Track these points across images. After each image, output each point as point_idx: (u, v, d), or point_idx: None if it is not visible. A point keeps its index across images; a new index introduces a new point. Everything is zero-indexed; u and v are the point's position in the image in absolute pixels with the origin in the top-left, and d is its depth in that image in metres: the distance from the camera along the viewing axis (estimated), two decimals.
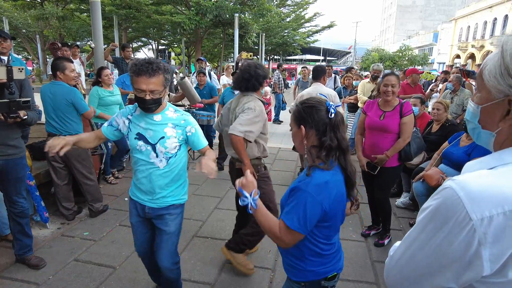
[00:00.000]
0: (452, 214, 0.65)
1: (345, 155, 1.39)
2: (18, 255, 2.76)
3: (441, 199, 0.68)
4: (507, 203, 0.61)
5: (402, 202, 4.17)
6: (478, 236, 0.62)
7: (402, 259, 0.76)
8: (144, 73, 1.78)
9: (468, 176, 0.68)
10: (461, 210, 0.63)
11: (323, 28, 29.60)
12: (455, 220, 0.64)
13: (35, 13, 18.58)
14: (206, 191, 4.53)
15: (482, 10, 33.07)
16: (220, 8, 15.94)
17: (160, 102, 1.90)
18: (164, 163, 1.98)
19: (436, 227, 0.68)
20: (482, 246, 0.62)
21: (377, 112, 3.11)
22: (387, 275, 0.81)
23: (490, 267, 0.63)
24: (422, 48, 47.10)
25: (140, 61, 1.83)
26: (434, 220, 0.69)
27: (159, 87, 1.84)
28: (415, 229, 0.74)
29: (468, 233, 0.63)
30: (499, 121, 0.73)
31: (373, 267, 2.92)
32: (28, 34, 23.76)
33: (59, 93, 3.29)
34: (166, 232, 2.09)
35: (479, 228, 0.62)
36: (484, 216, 0.61)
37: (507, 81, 0.69)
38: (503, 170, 0.68)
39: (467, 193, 0.64)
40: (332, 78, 7.94)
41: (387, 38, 70.60)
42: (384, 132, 3.05)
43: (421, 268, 0.72)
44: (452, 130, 3.95)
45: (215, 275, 2.76)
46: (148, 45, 33.75)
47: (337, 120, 1.37)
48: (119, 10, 17.51)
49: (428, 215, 0.71)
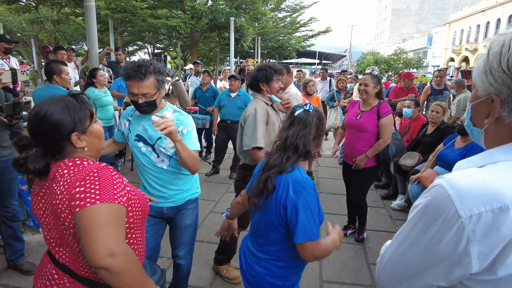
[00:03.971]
0: (442, 211, 0.65)
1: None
2: (10, 261, 2.71)
3: (431, 197, 0.68)
4: (495, 201, 0.61)
5: (398, 205, 4.17)
6: (467, 233, 0.62)
7: (392, 258, 0.76)
8: (134, 77, 1.76)
9: (457, 174, 0.68)
10: (450, 208, 0.63)
11: (318, 33, 29.75)
12: (444, 217, 0.64)
13: (30, 17, 18.47)
14: (202, 194, 4.45)
15: (475, 14, 33.48)
16: (215, 12, 15.96)
17: (154, 104, 1.88)
18: (166, 162, 1.97)
19: (426, 225, 0.68)
20: (471, 244, 0.62)
21: (356, 111, 3.20)
22: (378, 274, 0.81)
23: (478, 264, 0.63)
24: (416, 52, 47.54)
25: (130, 65, 1.80)
26: (424, 218, 0.69)
27: (151, 90, 1.81)
28: (405, 227, 0.74)
29: (457, 230, 0.63)
30: (485, 119, 0.73)
31: (369, 269, 2.91)
32: (23, 38, 23.63)
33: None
34: (183, 226, 2.15)
35: (468, 226, 0.62)
36: (473, 213, 0.61)
37: (489, 79, 0.70)
38: (492, 168, 0.68)
39: (456, 190, 0.64)
40: (327, 81, 7.98)
41: (382, 41, 71.15)
42: (360, 131, 3.11)
43: (412, 266, 0.72)
44: (447, 132, 3.97)
45: (210, 279, 2.74)
46: (143, 48, 33.69)
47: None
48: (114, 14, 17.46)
49: (418, 213, 0.71)
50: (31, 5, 19.15)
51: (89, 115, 1.16)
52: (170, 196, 2.04)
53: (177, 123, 1.97)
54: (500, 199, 0.60)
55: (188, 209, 2.14)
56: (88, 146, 1.16)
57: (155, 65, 1.84)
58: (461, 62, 34.73)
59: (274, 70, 2.48)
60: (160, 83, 1.87)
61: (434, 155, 3.74)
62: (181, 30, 16.14)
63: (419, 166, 3.96)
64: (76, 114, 1.11)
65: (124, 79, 1.82)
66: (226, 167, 5.40)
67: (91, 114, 1.17)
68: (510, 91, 0.67)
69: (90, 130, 1.16)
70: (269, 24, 24.19)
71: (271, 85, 2.48)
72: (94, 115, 1.19)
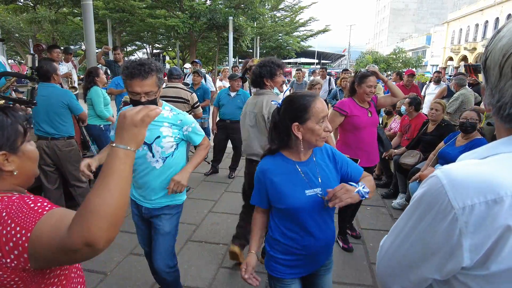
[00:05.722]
0: (435, 202, 0.63)
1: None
2: None
3: (427, 187, 0.66)
4: (489, 192, 0.58)
5: (399, 203, 4.13)
6: (459, 225, 0.60)
7: (389, 250, 0.75)
8: (137, 76, 1.74)
9: (455, 165, 0.66)
10: (443, 198, 0.62)
11: (317, 33, 29.72)
12: (438, 208, 0.63)
13: (28, 17, 18.44)
14: (200, 194, 4.46)
15: (474, 13, 33.52)
16: (214, 12, 15.95)
17: (155, 103, 1.86)
18: (160, 163, 1.95)
19: (420, 216, 0.67)
20: (463, 236, 0.60)
21: (361, 110, 3.00)
22: (377, 266, 0.80)
23: (470, 257, 0.61)
24: (415, 51, 47.57)
25: (132, 63, 1.78)
26: (419, 209, 0.68)
27: (153, 88, 1.81)
28: (402, 218, 0.73)
29: (450, 221, 0.61)
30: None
31: (370, 269, 2.88)
32: (21, 38, 23.57)
33: (54, 95, 3.21)
34: (161, 233, 2.06)
35: (460, 217, 0.60)
36: (466, 204, 0.59)
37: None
38: (491, 159, 0.65)
39: (450, 180, 0.62)
40: (327, 80, 7.97)
41: (380, 41, 71.23)
42: (374, 127, 3.10)
43: (407, 258, 0.71)
44: (447, 130, 3.94)
45: (209, 279, 2.70)
46: (142, 49, 33.66)
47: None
48: (112, 13, 17.45)
49: (414, 203, 0.69)
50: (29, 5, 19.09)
51: (21, 133, 0.94)
52: (149, 196, 2.02)
53: (179, 124, 1.98)
54: (495, 191, 0.58)
55: (166, 214, 2.06)
56: (18, 170, 0.94)
57: (156, 63, 1.84)
58: (459, 61, 34.76)
59: (277, 65, 2.55)
60: (161, 81, 1.87)
61: (435, 153, 3.71)
62: (180, 30, 16.14)
63: (420, 165, 3.93)
64: (4, 130, 0.90)
65: (126, 78, 1.78)
66: (225, 167, 5.37)
67: (24, 131, 0.95)
68: None
69: (22, 149, 0.95)
70: (268, 24, 24.19)
71: (275, 80, 2.57)
72: (27, 133, 0.96)
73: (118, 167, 0.81)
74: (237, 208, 3.71)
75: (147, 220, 2.12)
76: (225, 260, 2.96)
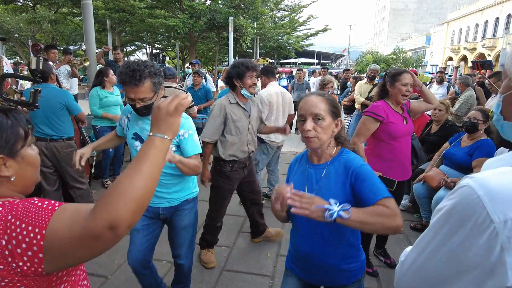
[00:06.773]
0: (471, 215, 0.57)
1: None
2: None
3: (458, 198, 0.60)
4: None
5: (402, 205, 4.09)
6: (501, 240, 0.54)
7: (413, 266, 0.69)
8: (129, 83, 1.70)
9: (488, 173, 0.60)
10: (480, 211, 0.56)
11: (317, 32, 29.68)
12: (474, 222, 0.57)
13: (27, 17, 18.38)
14: (201, 195, 4.39)
15: (474, 13, 33.53)
16: (214, 12, 15.90)
17: (151, 108, 1.80)
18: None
19: (451, 230, 0.61)
20: (506, 252, 0.54)
21: (397, 116, 2.54)
22: (397, 283, 0.73)
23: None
24: (415, 51, 47.59)
25: (124, 69, 1.72)
26: (449, 222, 0.61)
27: (148, 94, 1.76)
28: (428, 232, 0.67)
29: (489, 236, 0.55)
30: None
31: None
32: (20, 39, 23.52)
33: (52, 95, 3.16)
34: (182, 227, 2.10)
35: (502, 232, 0.54)
36: (508, 218, 0.54)
37: None
38: None
39: (487, 192, 0.56)
40: None
41: (380, 41, 71.28)
42: (409, 136, 2.67)
43: (435, 275, 0.64)
44: (452, 131, 3.90)
45: (212, 283, 2.66)
46: (142, 49, 33.60)
47: None
48: (112, 14, 17.39)
49: (443, 216, 0.63)
50: (28, 5, 19.04)
51: (22, 136, 0.89)
52: (166, 196, 2.00)
53: None
54: None
55: (185, 209, 2.09)
56: (16, 175, 0.88)
57: (150, 68, 1.75)
58: (459, 61, 34.76)
59: (246, 67, 2.65)
60: (157, 85, 1.80)
61: (440, 154, 3.67)
62: (180, 30, 16.08)
63: (424, 165, 3.88)
64: (3, 132, 0.86)
65: (120, 83, 1.76)
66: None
67: (25, 134, 0.91)
68: None
69: (21, 154, 0.90)
70: (268, 24, 24.16)
71: (244, 81, 2.67)
72: (28, 137, 0.92)
73: (152, 153, 0.83)
74: (237, 209, 3.67)
75: (161, 221, 2.12)
76: (227, 263, 2.92)
